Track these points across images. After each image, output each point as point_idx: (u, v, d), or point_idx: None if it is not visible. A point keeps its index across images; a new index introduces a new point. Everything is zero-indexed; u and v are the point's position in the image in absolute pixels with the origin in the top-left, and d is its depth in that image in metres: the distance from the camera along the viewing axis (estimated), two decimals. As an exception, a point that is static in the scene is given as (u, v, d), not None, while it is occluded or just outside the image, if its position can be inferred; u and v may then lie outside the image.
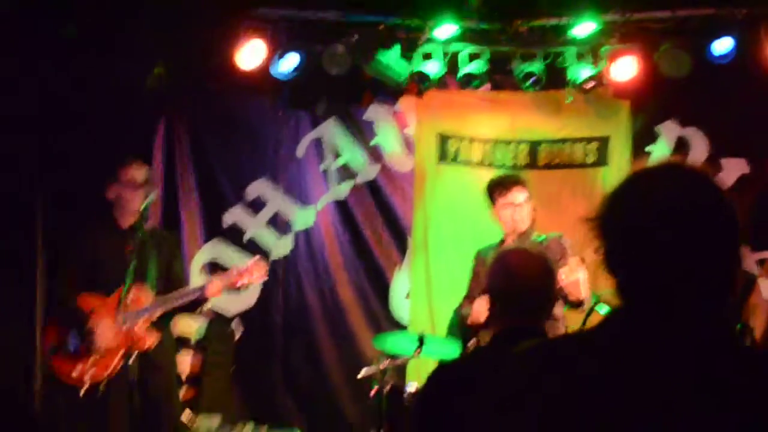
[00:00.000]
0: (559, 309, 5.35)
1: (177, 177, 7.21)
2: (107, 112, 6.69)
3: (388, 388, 5.70)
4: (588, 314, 5.02)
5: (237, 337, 7.17)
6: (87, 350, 5.49)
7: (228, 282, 5.75)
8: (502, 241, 5.77)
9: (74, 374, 5.48)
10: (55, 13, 6.32)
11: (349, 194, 7.31)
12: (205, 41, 6.64)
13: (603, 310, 4.89)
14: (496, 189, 5.76)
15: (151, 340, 5.60)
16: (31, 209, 6.77)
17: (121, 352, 5.53)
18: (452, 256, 7.06)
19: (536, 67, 6.71)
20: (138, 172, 5.74)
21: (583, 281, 5.19)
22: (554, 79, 6.83)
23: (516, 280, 3.09)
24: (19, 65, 6.31)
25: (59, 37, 6.37)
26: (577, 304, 5.31)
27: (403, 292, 7.27)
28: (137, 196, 5.68)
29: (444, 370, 3.26)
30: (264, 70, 6.73)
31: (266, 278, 5.93)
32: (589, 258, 5.04)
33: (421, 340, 5.64)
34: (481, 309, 5.49)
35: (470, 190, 6.92)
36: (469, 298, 5.82)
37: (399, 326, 7.14)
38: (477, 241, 6.26)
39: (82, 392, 5.44)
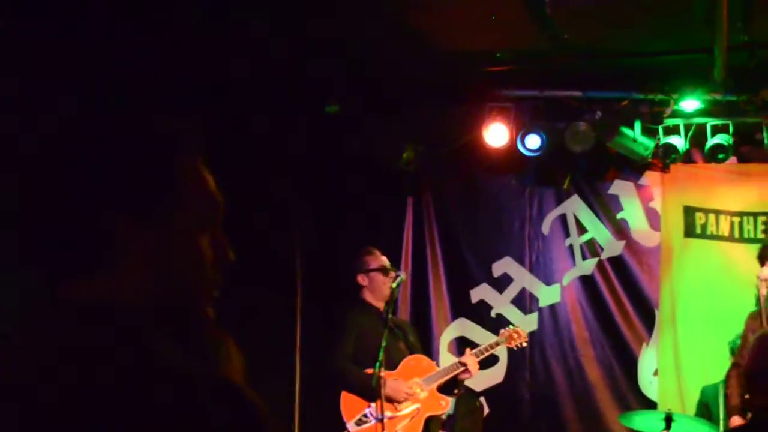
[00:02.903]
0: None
1: (426, 254, 7.49)
2: (363, 189, 7.10)
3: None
4: None
5: (485, 412, 7.27)
6: (391, 419, 5.78)
7: (483, 353, 6.11)
8: None
9: None
10: (320, 90, 6.79)
11: (595, 270, 7.33)
12: (452, 122, 6.96)
13: None
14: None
15: (447, 406, 5.98)
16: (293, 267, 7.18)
17: (423, 418, 5.86)
18: (702, 332, 6.94)
19: (786, 137, 6.60)
20: (384, 258, 6.17)
21: None
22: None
23: None
24: (281, 139, 6.76)
25: (323, 113, 6.83)
26: None
27: (651, 368, 7.17)
28: (387, 281, 6.05)
29: None
30: (510, 148, 6.97)
31: (526, 344, 6.29)
32: None
33: (668, 420, 5.58)
34: None
35: (719, 264, 6.85)
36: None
37: (647, 404, 7.04)
38: (727, 316, 6.16)
39: None
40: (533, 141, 6.83)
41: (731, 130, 6.72)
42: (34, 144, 1.38)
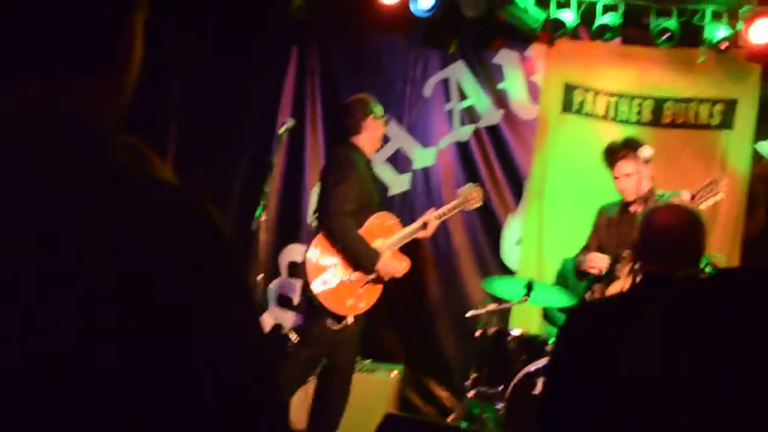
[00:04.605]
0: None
1: (305, 105, 7.38)
2: (246, 34, 6.88)
3: (492, 331, 5.83)
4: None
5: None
6: (363, 279, 5.71)
7: (445, 214, 6.13)
8: (628, 203, 5.73)
9: (348, 303, 5.66)
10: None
11: (471, 137, 7.38)
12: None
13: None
14: (607, 160, 5.80)
15: (406, 268, 5.86)
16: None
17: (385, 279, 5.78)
18: (566, 207, 7.11)
19: (671, 23, 6.65)
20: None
21: None
22: (688, 36, 6.74)
23: (659, 228, 3.14)
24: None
25: None
26: None
27: (515, 238, 7.33)
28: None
29: (585, 310, 3.33)
30: (401, 7, 6.85)
31: (482, 203, 6.35)
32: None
33: (529, 287, 5.73)
34: (597, 262, 5.58)
35: (591, 142, 6.94)
36: (587, 248, 5.88)
37: (507, 271, 7.22)
38: (593, 193, 6.31)
39: (350, 320, 5.65)
40: (426, 0, 6.73)
41: (621, 10, 6.76)
42: None
